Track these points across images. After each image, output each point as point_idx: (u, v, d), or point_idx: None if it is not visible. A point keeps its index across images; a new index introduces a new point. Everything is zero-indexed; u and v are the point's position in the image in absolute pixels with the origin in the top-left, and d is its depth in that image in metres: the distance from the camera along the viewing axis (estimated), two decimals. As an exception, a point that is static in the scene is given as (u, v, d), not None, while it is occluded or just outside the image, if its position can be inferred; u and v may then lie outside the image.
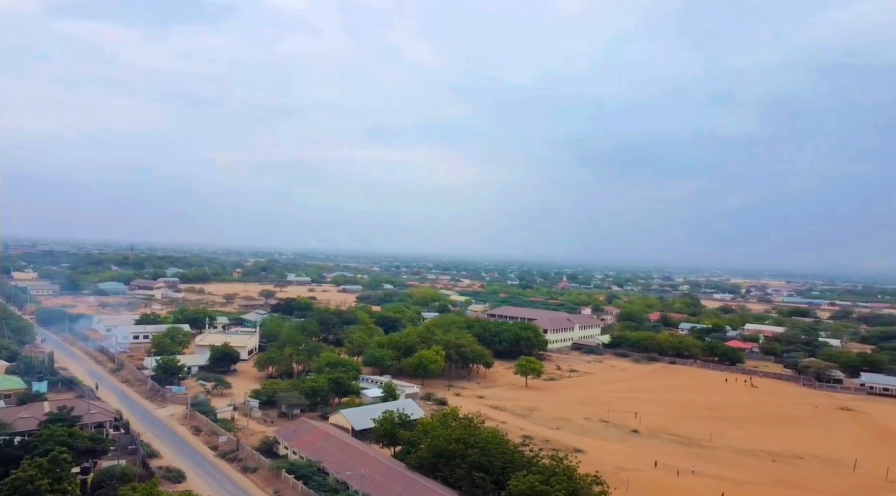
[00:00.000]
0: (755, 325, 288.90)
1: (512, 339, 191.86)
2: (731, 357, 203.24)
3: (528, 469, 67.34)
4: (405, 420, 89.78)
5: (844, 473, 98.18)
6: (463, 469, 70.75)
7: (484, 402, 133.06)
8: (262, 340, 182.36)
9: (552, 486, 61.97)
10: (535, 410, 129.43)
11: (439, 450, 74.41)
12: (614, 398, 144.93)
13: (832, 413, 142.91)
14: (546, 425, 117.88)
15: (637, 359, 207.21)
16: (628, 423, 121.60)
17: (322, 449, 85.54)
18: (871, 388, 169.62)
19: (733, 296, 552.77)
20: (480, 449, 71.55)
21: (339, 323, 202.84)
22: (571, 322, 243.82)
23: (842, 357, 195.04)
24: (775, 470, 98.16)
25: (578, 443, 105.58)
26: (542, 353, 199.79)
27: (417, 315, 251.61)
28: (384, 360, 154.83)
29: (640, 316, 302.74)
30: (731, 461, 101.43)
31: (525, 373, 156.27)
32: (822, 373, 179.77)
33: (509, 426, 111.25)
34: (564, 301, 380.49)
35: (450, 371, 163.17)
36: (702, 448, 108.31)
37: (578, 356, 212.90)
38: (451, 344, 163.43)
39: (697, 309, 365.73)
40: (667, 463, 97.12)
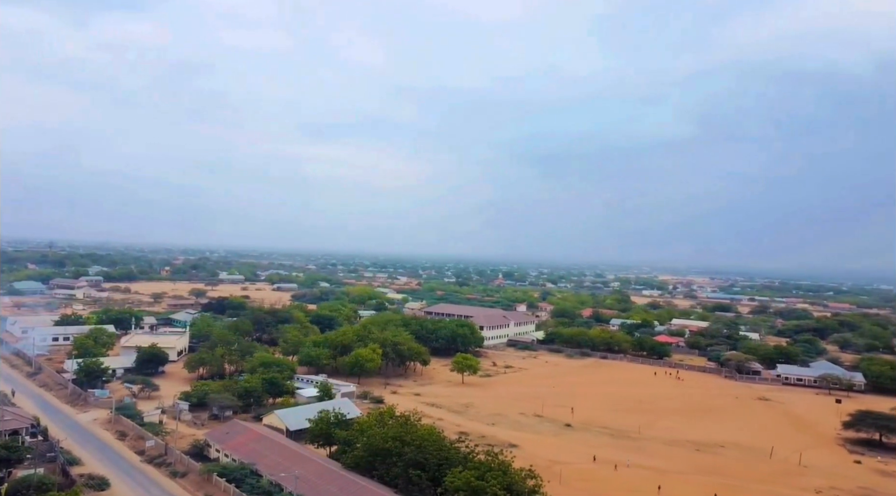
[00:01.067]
0: (681, 320, 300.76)
1: (448, 337, 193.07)
2: (658, 351, 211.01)
3: (464, 465, 68.07)
4: (341, 419, 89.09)
5: (762, 460, 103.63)
6: (399, 467, 70.84)
7: (421, 400, 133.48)
8: (192, 341, 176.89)
9: (487, 481, 62.89)
10: (472, 406, 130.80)
11: (376, 448, 74.25)
12: (548, 393, 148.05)
13: (751, 403, 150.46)
14: (482, 421, 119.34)
15: (570, 354, 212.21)
16: (562, 418, 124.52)
17: (255, 451, 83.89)
18: (786, 379, 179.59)
19: (661, 292, 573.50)
20: (417, 446, 71.80)
21: (273, 322, 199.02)
22: (507, 319, 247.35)
23: (760, 350, 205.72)
24: (699, 459, 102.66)
25: (513, 437, 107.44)
26: (479, 350, 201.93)
27: (354, 313, 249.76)
28: (320, 359, 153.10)
29: (573, 312, 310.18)
30: (658, 451, 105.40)
31: (461, 369, 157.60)
32: (742, 365, 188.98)
33: (446, 423, 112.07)
34: (500, 298, 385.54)
35: (387, 369, 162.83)
36: (631, 440, 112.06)
37: (514, 352, 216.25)
38: (388, 342, 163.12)
39: (627, 305, 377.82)
40: (598, 455, 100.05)
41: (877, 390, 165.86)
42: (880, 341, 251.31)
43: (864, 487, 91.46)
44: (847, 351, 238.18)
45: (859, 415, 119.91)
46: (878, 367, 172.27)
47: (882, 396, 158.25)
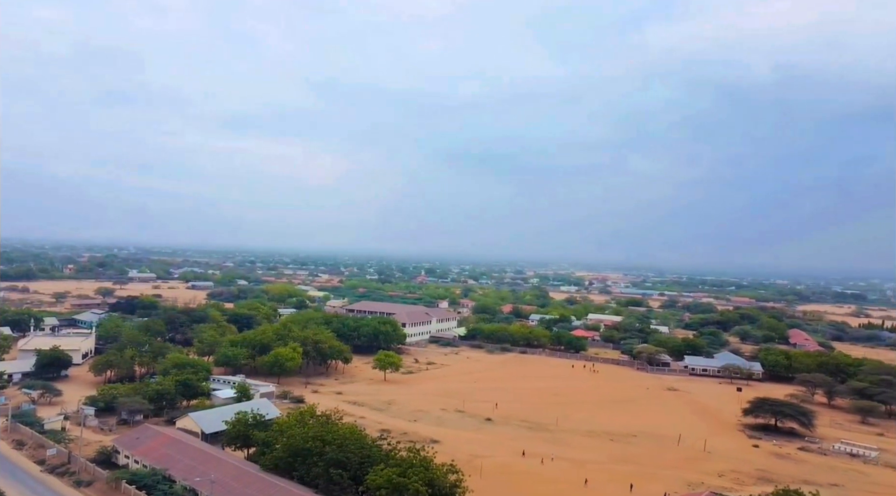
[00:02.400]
0: (597, 315, 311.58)
1: (371, 334, 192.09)
2: (575, 345, 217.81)
3: (386, 462, 68.10)
4: (260, 420, 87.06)
5: (671, 447, 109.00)
6: (320, 467, 70.01)
7: (342, 398, 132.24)
8: (99, 342, 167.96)
9: (409, 478, 63.17)
10: (394, 404, 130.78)
11: (296, 449, 73.06)
12: (470, 388, 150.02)
13: (661, 393, 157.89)
14: (404, 418, 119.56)
15: (491, 350, 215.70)
16: (483, 412, 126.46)
17: (168, 455, 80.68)
18: (693, 370, 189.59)
19: (578, 288, 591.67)
20: (338, 445, 71.20)
21: (187, 321, 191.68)
22: (429, 315, 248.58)
23: (669, 342, 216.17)
24: (613, 448, 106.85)
25: (435, 433, 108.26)
26: (401, 347, 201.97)
27: (273, 312, 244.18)
28: (237, 359, 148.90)
29: (494, 308, 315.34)
30: (574, 442, 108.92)
31: (384, 367, 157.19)
32: (653, 357, 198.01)
33: (368, 421, 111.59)
34: (422, 295, 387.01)
35: (307, 368, 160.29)
36: (549, 432, 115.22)
37: (436, 348, 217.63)
38: (309, 340, 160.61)
39: (546, 301, 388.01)
40: (517, 447, 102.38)
41: (773, 378, 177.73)
42: (776, 332, 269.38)
43: (762, 470, 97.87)
44: (747, 342, 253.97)
45: (757, 403, 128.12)
46: (774, 357, 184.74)
47: (777, 384, 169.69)
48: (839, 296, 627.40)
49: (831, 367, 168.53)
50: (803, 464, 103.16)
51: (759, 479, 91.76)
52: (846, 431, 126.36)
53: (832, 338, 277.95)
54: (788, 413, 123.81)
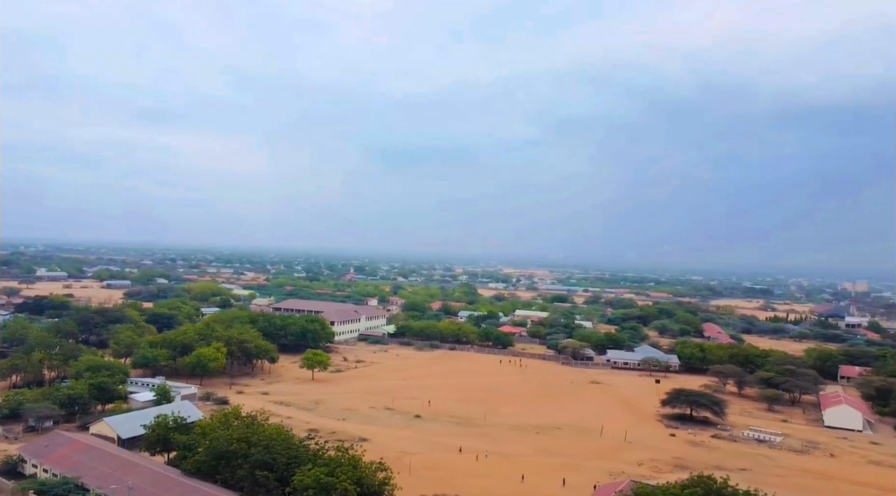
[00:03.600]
0: (524, 311, 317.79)
1: (298, 333, 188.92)
2: (503, 341, 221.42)
3: (314, 462, 67.30)
4: (181, 423, 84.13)
5: (594, 438, 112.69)
6: (245, 469, 68.42)
7: (269, 398, 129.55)
8: (3, 345, 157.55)
9: (338, 477, 62.69)
10: (322, 403, 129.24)
11: (219, 451, 71.08)
12: (399, 386, 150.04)
13: (585, 386, 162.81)
14: (332, 417, 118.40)
15: (420, 347, 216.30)
16: (412, 409, 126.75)
17: (81, 463, 76.80)
18: (615, 363, 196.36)
19: (505, 285, 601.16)
20: (264, 447, 69.79)
21: (102, 322, 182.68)
22: (358, 313, 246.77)
23: (592, 337, 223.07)
24: (539, 441, 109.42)
25: (364, 431, 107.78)
26: (330, 345, 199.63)
27: (196, 311, 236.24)
28: (157, 361, 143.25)
29: (424, 305, 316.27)
30: (501, 436, 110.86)
31: (311, 366, 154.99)
32: (578, 351, 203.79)
33: (295, 421, 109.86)
34: (351, 293, 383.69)
35: (232, 368, 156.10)
36: (477, 427, 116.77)
37: (365, 346, 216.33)
38: (234, 340, 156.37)
39: (474, 297, 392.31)
40: (445, 444, 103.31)
41: (689, 370, 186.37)
42: (691, 326, 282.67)
43: (678, 457, 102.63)
44: (665, 335, 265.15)
45: (674, 394, 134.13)
46: (690, 350, 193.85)
47: (693, 375, 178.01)
48: (749, 291, 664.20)
49: (741, 359, 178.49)
50: (716, 450, 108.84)
51: (675, 467, 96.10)
52: (754, 419, 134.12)
53: (742, 331, 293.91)
54: (702, 403, 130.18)
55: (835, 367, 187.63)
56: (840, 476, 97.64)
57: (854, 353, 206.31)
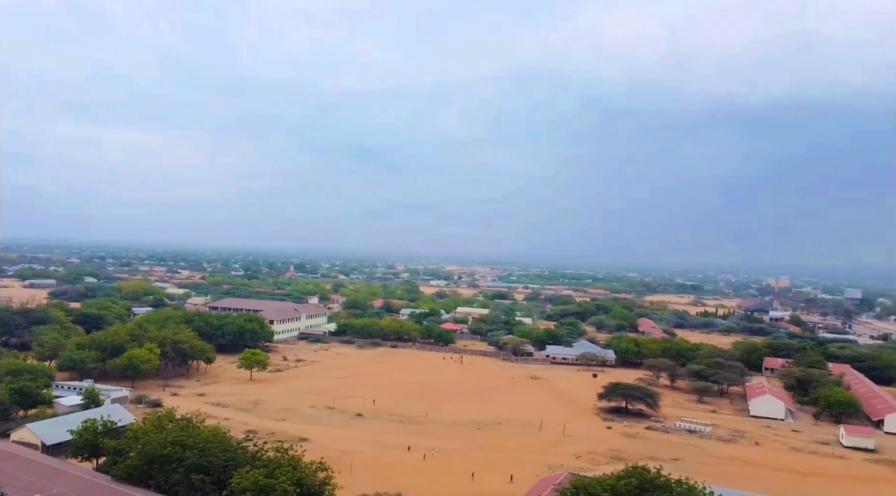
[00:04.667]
0: (465, 308, 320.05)
1: (236, 332, 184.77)
2: (445, 338, 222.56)
3: (252, 464, 66.03)
4: (111, 427, 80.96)
5: (533, 433, 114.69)
6: (180, 473, 66.50)
7: (205, 400, 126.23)
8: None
9: (277, 478, 61.70)
10: (261, 403, 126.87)
11: (152, 456, 68.81)
12: (340, 384, 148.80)
13: (525, 382, 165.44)
14: (271, 417, 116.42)
15: (362, 345, 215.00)
16: (353, 408, 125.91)
17: (1, 472, 72.91)
18: (554, 358, 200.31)
19: (447, 282, 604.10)
20: (200, 449, 67.97)
21: (24, 323, 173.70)
22: (298, 311, 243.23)
23: (532, 333, 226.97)
24: (480, 436, 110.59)
25: (304, 431, 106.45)
26: (269, 345, 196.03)
27: (127, 311, 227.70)
28: (85, 363, 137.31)
29: (365, 303, 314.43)
30: (443, 433, 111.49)
31: (250, 366, 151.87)
32: (517, 348, 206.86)
33: (232, 422, 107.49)
34: (291, 291, 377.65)
35: (166, 370, 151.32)
36: (418, 424, 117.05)
37: (305, 345, 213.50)
38: (168, 340, 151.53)
39: (416, 295, 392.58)
40: (388, 441, 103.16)
41: (625, 364, 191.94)
42: (627, 321, 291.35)
43: (614, 449, 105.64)
44: (602, 331, 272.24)
45: (610, 387, 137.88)
46: (625, 344, 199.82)
47: (628, 369, 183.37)
48: (680, 287, 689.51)
49: (673, 353, 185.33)
50: (650, 441, 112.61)
51: (611, 458, 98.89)
52: (686, 410, 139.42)
53: (675, 326, 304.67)
54: (637, 396, 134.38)
55: (759, 360, 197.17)
56: (764, 462, 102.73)
57: (777, 346, 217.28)
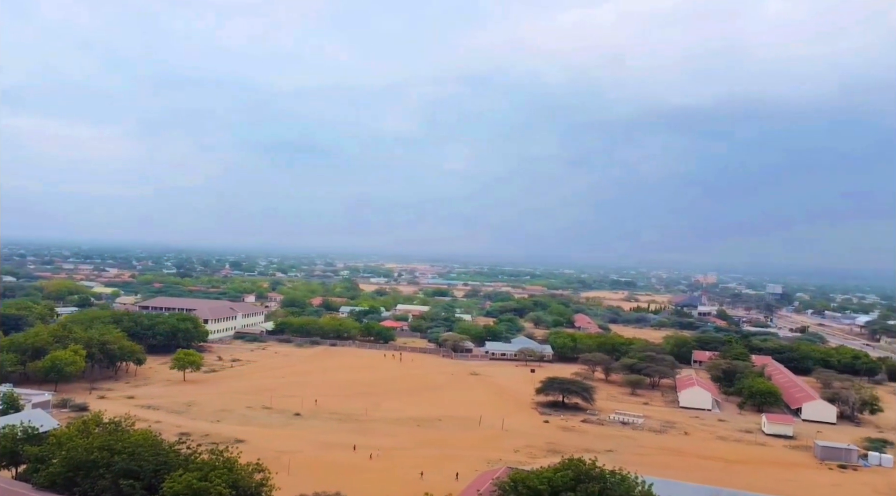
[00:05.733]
0: (405, 306, 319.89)
1: (168, 332, 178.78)
2: (384, 336, 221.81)
3: (185, 467, 64.14)
4: (32, 433, 77.08)
5: (473, 428, 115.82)
6: (108, 479, 63.91)
7: (135, 403, 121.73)
8: None
9: (211, 481, 60.14)
10: (194, 405, 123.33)
11: (78, 461, 65.87)
12: (278, 384, 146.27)
13: (465, 378, 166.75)
14: (205, 419, 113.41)
15: (300, 343, 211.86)
16: (291, 407, 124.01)
17: (-90, 484, 68.33)
18: (493, 354, 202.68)
19: (387, 279, 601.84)
20: (129, 454, 65.52)
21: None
22: (234, 310, 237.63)
23: (472, 330, 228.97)
24: (420, 434, 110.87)
25: (240, 432, 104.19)
26: (203, 345, 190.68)
27: (50, 311, 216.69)
28: (3, 367, 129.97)
29: (304, 301, 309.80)
30: (383, 431, 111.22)
31: (183, 366, 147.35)
32: (457, 344, 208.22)
33: (164, 425, 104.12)
34: (227, 289, 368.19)
35: (93, 372, 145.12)
36: (358, 422, 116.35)
37: (241, 344, 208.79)
38: (95, 341, 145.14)
39: (356, 292, 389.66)
40: (326, 440, 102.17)
41: (561, 359, 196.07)
42: (564, 317, 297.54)
43: (551, 442, 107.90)
44: (540, 327, 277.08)
45: (547, 382, 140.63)
46: (562, 340, 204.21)
47: (565, 364, 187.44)
48: (615, 283, 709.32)
49: (608, 347, 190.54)
50: (585, 434, 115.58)
51: (549, 451, 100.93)
52: (619, 403, 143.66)
53: (609, 321, 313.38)
54: (573, 390, 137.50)
55: (689, 353, 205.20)
56: (692, 452, 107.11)
57: (705, 339, 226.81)
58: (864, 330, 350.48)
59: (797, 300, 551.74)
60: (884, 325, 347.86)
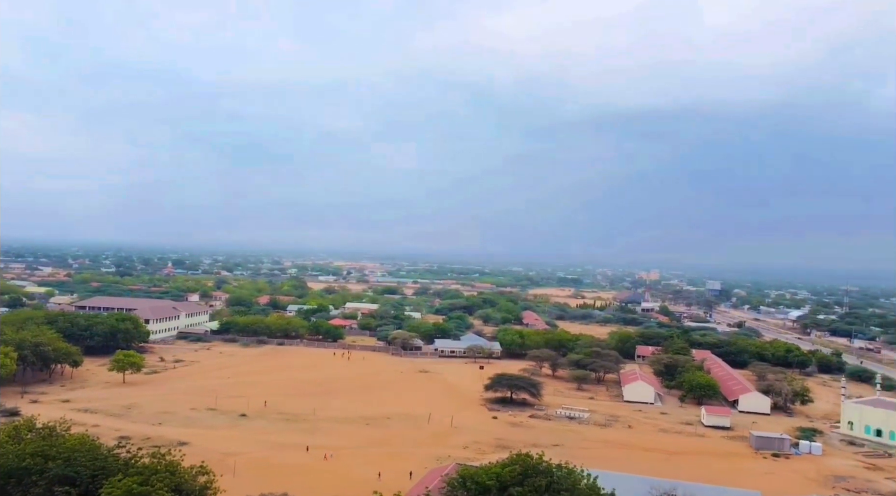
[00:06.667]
0: (354, 304, 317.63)
1: (107, 333, 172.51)
2: (333, 334, 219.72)
3: (125, 472, 62.14)
4: (-41, 441, 73.26)
5: (422, 426, 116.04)
6: (42, 486, 61.33)
7: (71, 406, 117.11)
8: None
9: (153, 485, 58.49)
10: (135, 407, 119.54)
11: (8, 469, 62.97)
12: (223, 384, 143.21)
13: (414, 376, 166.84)
14: (147, 422, 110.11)
15: (246, 343, 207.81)
16: (237, 408, 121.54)
17: None
18: (442, 352, 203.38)
19: (336, 277, 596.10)
20: (64, 460, 63.03)
21: None
22: (177, 310, 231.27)
23: (421, 327, 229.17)
24: (369, 432, 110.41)
25: (183, 435, 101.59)
26: (144, 345, 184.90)
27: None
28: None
29: (250, 300, 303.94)
30: (332, 430, 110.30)
31: (122, 368, 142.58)
32: (407, 342, 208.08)
33: (102, 429, 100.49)
34: (169, 288, 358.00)
35: (25, 375, 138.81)
36: (306, 422, 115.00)
37: (185, 345, 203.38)
38: (27, 343, 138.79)
39: (304, 291, 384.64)
40: (274, 441, 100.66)
41: (510, 355, 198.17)
42: (512, 314, 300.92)
43: (499, 438, 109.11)
44: (489, 324, 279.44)
45: (496, 379, 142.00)
46: (510, 337, 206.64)
47: (513, 360, 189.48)
48: (562, 280, 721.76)
49: (555, 343, 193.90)
50: (533, 429, 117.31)
51: (497, 447, 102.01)
52: (566, 398, 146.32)
53: (556, 318, 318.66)
54: (521, 386, 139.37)
55: (633, 348, 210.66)
56: (636, 444, 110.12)
57: (648, 335, 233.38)
58: (796, 324, 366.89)
59: (734, 296, 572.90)
60: (814, 320, 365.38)
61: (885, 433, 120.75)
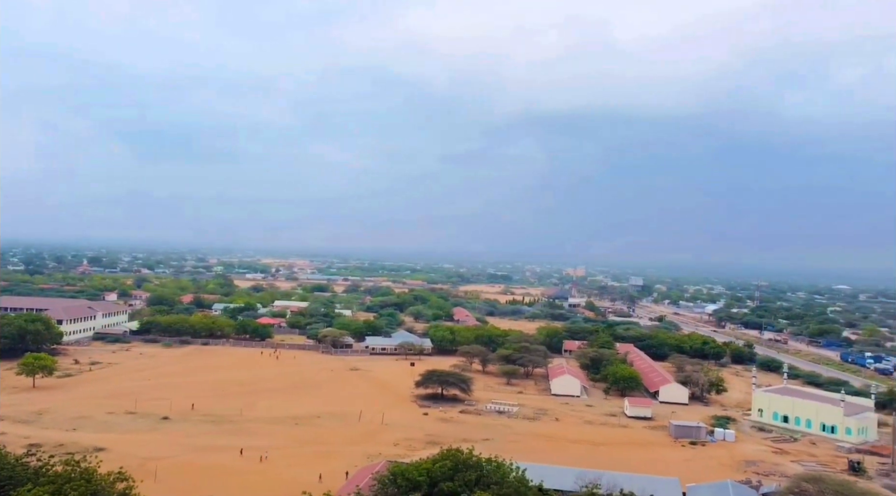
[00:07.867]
0: (283, 302, 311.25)
1: (15, 334, 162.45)
2: (261, 333, 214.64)
3: (35, 481, 58.83)
4: None
5: (353, 424, 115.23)
6: (-59, 500, 57.38)
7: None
8: None
9: (66, 494, 55.66)
10: (46, 413, 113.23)
11: None
12: (144, 386, 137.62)
13: (345, 374, 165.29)
14: (59, 428, 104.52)
15: (168, 343, 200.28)
16: (159, 411, 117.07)
17: None
18: (373, 349, 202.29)
19: (264, 275, 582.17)
20: (-33, 470, 59.17)
21: None
22: (93, 309, 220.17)
23: (352, 325, 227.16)
24: (298, 432, 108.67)
25: (100, 440, 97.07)
26: (57, 347, 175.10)
27: None
28: None
29: (173, 299, 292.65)
30: (259, 431, 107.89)
31: (32, 371, 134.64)
32: (337, 340, 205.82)
33: (9, 436, 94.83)
34: (85, 287, 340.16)
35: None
36: (233, 423, 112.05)
37: (102, 346, 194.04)
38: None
39: (231, 289, 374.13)
40: (198, 444, 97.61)
41: (441, 352, 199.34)
42: (443, 311, 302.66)
43: (430, 434, 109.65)
44: (420, 320, 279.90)
45: (427, 375, 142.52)
46: (441, 333, 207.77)
47: (444, 356, 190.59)
48: (492, 277, 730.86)
49: (485, 339, 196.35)
50: (463, 424, 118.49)
51: (428, 443, 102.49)
52: (496, 392, 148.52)
53: (487, 314, 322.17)
54: (452, 382, 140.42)
55: (560, 342, 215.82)
56: (563, 436, 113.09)
57: (575, 330, 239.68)
58: (712, 317, 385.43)
59: (655, 292, 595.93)
60: (728, 313, 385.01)
61: (791, 419, 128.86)
